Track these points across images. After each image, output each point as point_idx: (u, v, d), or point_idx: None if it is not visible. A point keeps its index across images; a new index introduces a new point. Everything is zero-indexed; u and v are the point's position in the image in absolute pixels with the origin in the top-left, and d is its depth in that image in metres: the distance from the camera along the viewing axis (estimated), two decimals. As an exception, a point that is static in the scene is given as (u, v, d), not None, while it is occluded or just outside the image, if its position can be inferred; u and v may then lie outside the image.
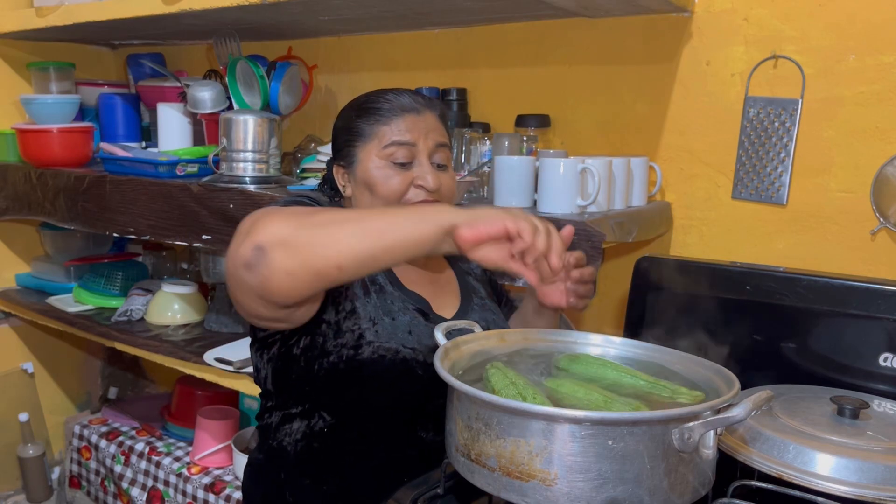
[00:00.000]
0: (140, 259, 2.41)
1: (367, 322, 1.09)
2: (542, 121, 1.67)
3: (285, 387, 1.13)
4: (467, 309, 1.21)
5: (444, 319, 1.15)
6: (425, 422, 1.11)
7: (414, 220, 0.85)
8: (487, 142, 1.68)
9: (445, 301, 1.20)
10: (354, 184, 1.17)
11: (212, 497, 1.92)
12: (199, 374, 1.80)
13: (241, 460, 1.90)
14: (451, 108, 1.76)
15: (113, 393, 2.59)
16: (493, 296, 1.32)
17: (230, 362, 1.71)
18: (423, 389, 1.10)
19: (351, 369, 1.07)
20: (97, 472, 2.25)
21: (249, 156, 1.71)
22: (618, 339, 1.05)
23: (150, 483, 2.08)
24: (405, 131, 1.12)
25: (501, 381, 0.88)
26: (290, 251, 0.84)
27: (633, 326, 1.43)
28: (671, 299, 1.40)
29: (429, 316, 1.14)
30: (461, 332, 1.04)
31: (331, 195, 1.26)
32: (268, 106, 1.82)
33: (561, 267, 0.85)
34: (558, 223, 1.31)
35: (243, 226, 0.90)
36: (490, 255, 0.85)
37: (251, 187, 1.67)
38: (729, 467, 0.92)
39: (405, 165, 1.13)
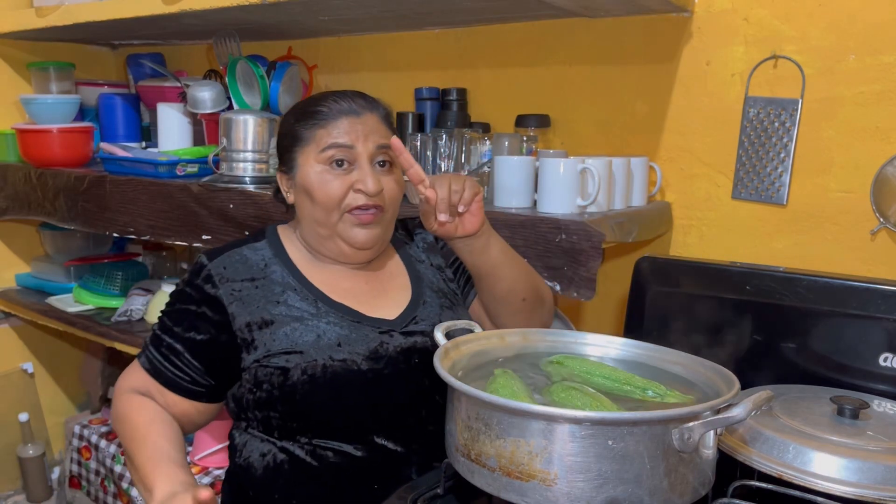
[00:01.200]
0: (140, 259, 2.41)
1: (290, 348, 1.07)
2: (542, 121, 1.67)
3: (243, 409, 1.13)
4: (417, 303, 1.18)
5: (385, 320, 1.13)
6: (380, 429, 1.09)
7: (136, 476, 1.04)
8: (487, 142, 1.67)
9: (389, 299, 1.17)
10: (295, 190, 1.15)
11: (212, 497, 1.92)
12: (199, 374, 1.80)
13: (241, 460, 1.90)
14: (451, 108, 1.76)
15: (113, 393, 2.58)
16: (451, 281, 1.27)
17: (230, 362, 1.71)
18: (365, 397, 1.08)
19: (284, 395, 1.06)
20: (97, 472, 2.25)
21: (249, 156, 1.71)
22: (618, 339, 1.05)
23: (150, 483, 2.08)
24: (343, 134, 1.10)
25: (505, 392, 0.87)
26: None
27: (633, 326, 1.43)
28: (671, 299, 1.40)
29: (362, 323, 1.12)
30: (461, 332, 1.04)
31: (282, 201, 1.23)
32: (268, 106, 1.82)
33: None
34: (558, 223, 1.32)
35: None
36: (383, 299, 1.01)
37: (251, 187, 1.67)
38: (729, 467, 0.92)
39: (344, 168, 1.10)
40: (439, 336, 1.00)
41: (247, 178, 1.71)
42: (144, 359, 1.14)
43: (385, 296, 1.18)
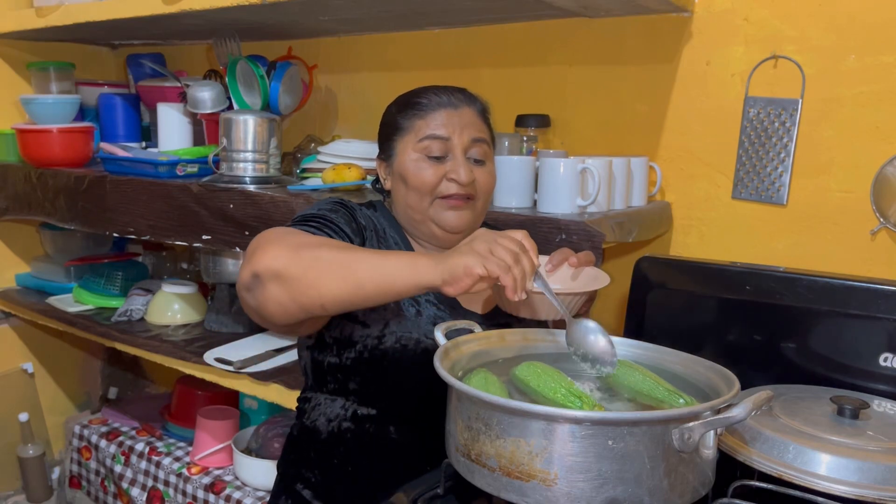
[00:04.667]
0: (140, 259, 2.41)
1: (391, 314, 1.12)
2: (542, 121, 1.67)
3: (320, 372, 1.18)
4: None
5: (475, 314, 1.18)
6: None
7: (395, 273, 0.89)
8: (487, 142, 1.67)
9: (480, 296, 1.22)
10: (392, 177, 1.21)
11: (212, 497, 1.92)
12: (199, 374, 1.80)
13: (241, 460, 1.90)
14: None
15: (113, 393, 2.59)
16: None
17: (230, 362, 1.71)
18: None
19: (374, 358, 1.11)
20: (97, 472, 2.25)
21: (249, 156, 1.71)
22: (617, 339, 1.04)
23: (150, 483, 2.08)
24: (440, 125, 1.15)
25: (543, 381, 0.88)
26: (282, 284, 0.92)
27: (633, 326, 1.43)
28: (671, 299, 1.40)
29: (456, 310, 1.17)
30: (461, 332, 1.04)
31: (380, 190, 1.28)
32: (268, 106, 1.82)
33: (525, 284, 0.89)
34: (558, 223, 1.32)
35: (251, 246, 0.97)
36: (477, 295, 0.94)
37: (251, 187, 1.67)
38: (729, 467, 0.92)
39: (439, 159, 1.15)
40: (439, 336, 1.00)
41: (247, 178, 1.71)
42: (311, 227, 1.06)
43: (478, 293, 1.21)
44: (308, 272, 0.91)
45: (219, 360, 1.74)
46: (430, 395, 1.10)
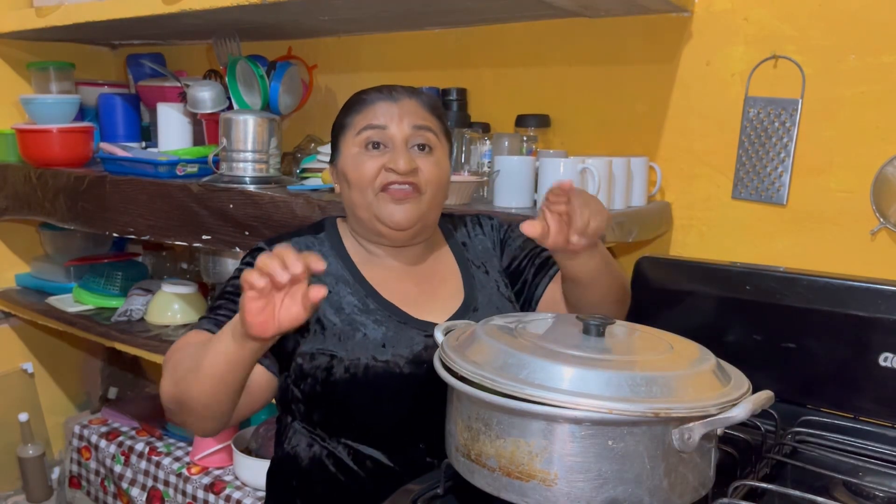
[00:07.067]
0: (140, 259, 2.41)
1: (335, 343, 1.08)
2: (542, 121, 1.67)
3: (286, 400, 1.14)
4: (467, 310, 1.16)
5: (432, 323, 1.10)
6: (418, 434, 1.09)
7: (223, 347, 0.96)
8: (487, 142, 1.68)
9: (438, 303, 1.15)
10: (339, 178, 1.17)
11: (212, 497, 1.92)
12: (199, 374, 1.80)
13: (241, 460, 1.90)
14: (451, 108, 1.76)
15: (113, 393, 2.59)
16: (512, 285, 1.24)
17: (230, 362, 1.71)
18: (405, 401, 1.08)
19: (326, 392, 1.08)
20: (97, 472, 2.25)
21: (249, 156, 1.71)
22: (618, 339, 1.04)
23: (150, 483, 2.08)
24: (378, 116, 1.12)
25: None
26: (182, 408, 1.03)
27: (633, 326, 1.43)
28: (671, 299, 1.40)
29: (408, 324, 1.11)
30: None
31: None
32: (268, 106, 1.82)
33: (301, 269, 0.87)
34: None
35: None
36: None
37: (251, 187, 1.67)
38: (729, 467, 0.92)
39: (377, 147, 1.11)
40: (439, 336, 0.99)
41: (247, 178, 1.71)
42: (205, 321, 1.11)
43: (435, 299, 1.16)
44: (185, 386, 1.00)
45: (219, 360, 1.74)
46: (396, 420, 1.08)
